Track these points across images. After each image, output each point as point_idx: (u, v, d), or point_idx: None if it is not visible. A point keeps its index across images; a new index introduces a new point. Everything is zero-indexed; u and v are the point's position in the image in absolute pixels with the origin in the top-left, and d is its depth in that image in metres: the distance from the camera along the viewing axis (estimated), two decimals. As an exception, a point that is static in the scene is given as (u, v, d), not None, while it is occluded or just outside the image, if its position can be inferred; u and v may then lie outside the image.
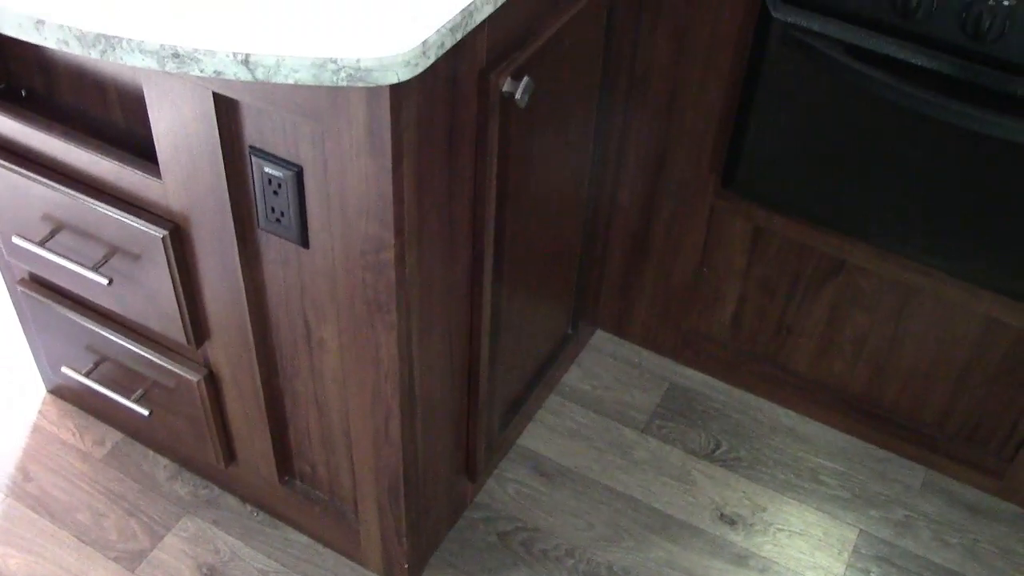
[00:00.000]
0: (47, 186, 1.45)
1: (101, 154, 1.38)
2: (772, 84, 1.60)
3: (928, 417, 1.91)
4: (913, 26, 1.45)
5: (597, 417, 2.04)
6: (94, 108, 1.43)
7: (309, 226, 1.27)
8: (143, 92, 1.27)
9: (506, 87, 1.26)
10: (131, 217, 1.40)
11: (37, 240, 1.53)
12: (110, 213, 1.41)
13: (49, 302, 1.70)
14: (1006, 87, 1.43)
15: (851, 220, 1.68)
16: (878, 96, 1.52)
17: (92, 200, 1.42)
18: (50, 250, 1.51)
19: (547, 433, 2.01)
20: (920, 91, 1.48)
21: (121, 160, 1.38)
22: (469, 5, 1.11)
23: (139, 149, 1.38)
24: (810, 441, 2.01)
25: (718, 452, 1.99)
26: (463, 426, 1.68)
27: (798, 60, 1.56)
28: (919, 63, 1.48)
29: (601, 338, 2.18)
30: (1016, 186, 1.50)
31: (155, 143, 1.32)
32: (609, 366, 2.13)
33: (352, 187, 1.18)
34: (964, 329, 1.75)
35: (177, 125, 1.27)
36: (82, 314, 1.68)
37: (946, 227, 1.60)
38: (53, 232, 1.51)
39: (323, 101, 1.12)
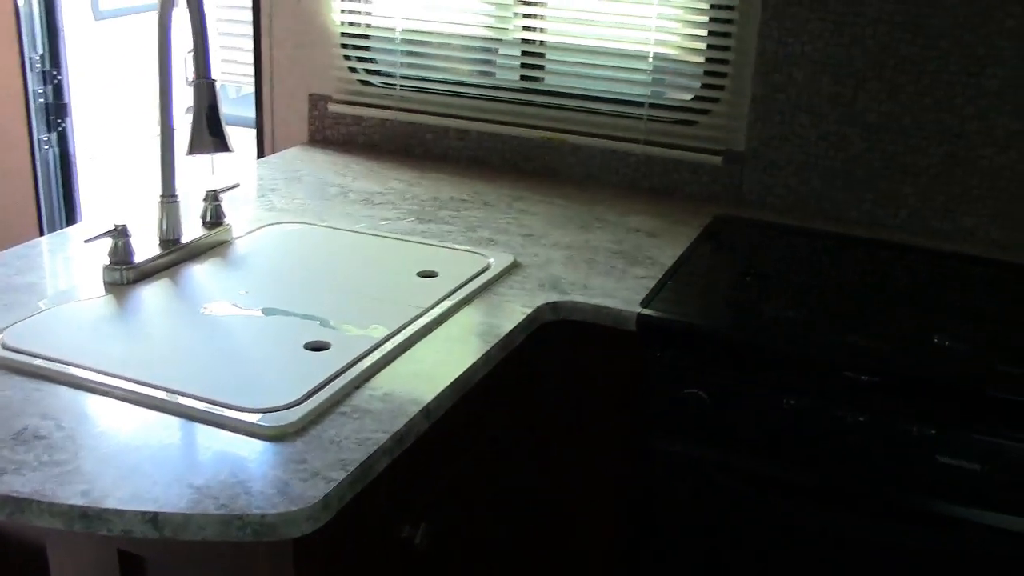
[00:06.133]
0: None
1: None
2: (663, 512, 1.68)
3: None
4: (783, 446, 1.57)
5: None
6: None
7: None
8: (45, 548, 1.29)
9: (405, 533, 1.32)
10: None
11: None
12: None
13: None
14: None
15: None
16: (761, 513, 1.61)
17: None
18: None
19: None
20: (791, 503, 1.58)
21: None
22: (368, 458, 1.19)
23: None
24: None
25: None
26: None
27: (683, 485, 1.65)
28: (791, 479, 1.59)
29: None
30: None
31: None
32: None
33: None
34: None
35: (79, 582, 1.28)
36: None
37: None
38: None
39: (227, 555, 1.16)
